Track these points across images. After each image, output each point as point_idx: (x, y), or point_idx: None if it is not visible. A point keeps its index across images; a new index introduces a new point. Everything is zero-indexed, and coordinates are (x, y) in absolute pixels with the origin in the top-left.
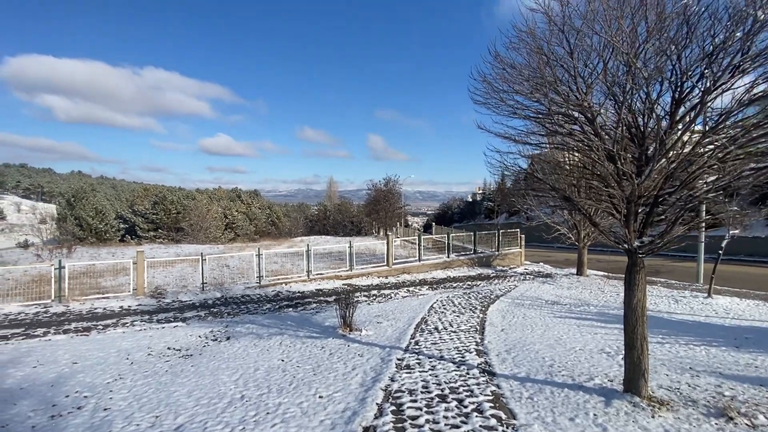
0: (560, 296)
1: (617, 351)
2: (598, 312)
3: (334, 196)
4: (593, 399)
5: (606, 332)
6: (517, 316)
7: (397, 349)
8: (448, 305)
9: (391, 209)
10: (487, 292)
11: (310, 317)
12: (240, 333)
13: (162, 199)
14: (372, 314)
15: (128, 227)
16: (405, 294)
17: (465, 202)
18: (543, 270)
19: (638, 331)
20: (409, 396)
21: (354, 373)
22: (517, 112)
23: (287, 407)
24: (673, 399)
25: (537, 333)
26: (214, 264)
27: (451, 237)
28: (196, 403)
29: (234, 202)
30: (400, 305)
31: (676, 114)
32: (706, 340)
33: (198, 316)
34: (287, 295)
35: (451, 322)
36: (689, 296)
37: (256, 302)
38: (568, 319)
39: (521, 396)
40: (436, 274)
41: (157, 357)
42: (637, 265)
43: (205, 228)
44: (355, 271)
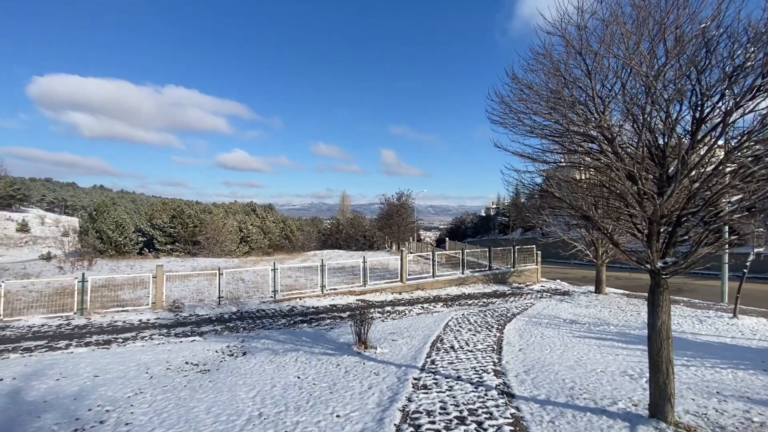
0: (578, 315)
1: (640, 374)
2: (619, 332)
3: (347, 210)
4: (617, 424)
5: (628, 353)
6: (534, 335)
7: (413, 368)
8: (463, 323)
9: (403, 223)
10: (503, 310)
11: (325, 333)
12: (256, 348)
13: (180, 213)
14: (386, 331)
15: (146, 240)
16: (419, 311)
17: (478, 217)
18: (560, 287)
19: (663, 354)
20: (427, 417)
21: (370, 392)
22: (535, 131)
23: (305, 426)
24: (700, 425)
25: (556, 353)
26: (230, 278)
27: (466, 253)
28: (215, 419)
29: (249, 216)
30: (414, 322)
31: (697, 133)
32: (733, 362)
33: (215, 331)
34: (301, 310)
35: (467, 340)
36: (714, 316)
37: (271, 317)
38: (588, 339)
39: (542, 419)
40: (451, 291)
41: (175, 371)
42: (661, 286)
43: (221, 241)
44: (368, 286)
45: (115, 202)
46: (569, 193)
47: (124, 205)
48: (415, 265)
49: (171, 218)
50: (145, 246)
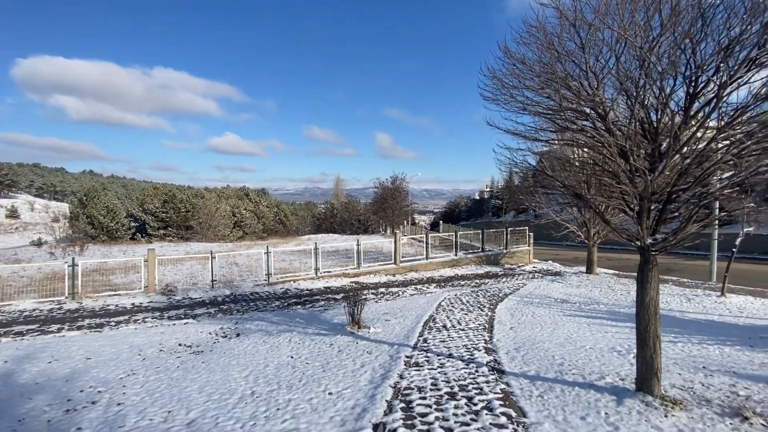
0: (569, 294)
1: (628, 350)
2: (609, 310)
3: (341, 195)
4: (605, 398)
5: (617, 331)
6: (526, 314)
7: (405, 346)
8: (456, 303)
9: (397, 207)
10: (495, 290)
11: (319, 315)
12: (249, 330)
13: (171, 198)
14: (380, 312)
15: (138, 225)
16: (413, 292)
17: (472, 200)
18: (552, 268)
19: (651, 330)
20: (418, 393)
21: (363, 370)
22: (527, 108)
23: (297, 403)
24: (686, 398)
25: (546, 331)
26: (223, 262)
27: (459, 235)
28: (207, 398)
29: (242, 201)
30: (408, 303)
31: (690, 109)
32: (720, 339)
33: (208, 313)
34: (296, 292)
35: (459, 320)
36: (702, 295)
37: (265, 300)
38: (578, 318)
39: (531, 394)
40: (444, 272)
41: (168, 353)
42: (650, 262)
43: (214, 226)
44: (362, 269)
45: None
46: (561, 171)
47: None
48: (409, 248)
49: (163, 203)
50: (137, 231)
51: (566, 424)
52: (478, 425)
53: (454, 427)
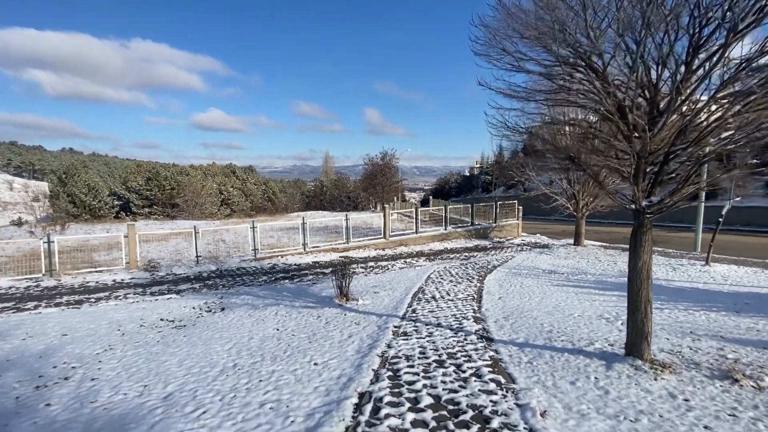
0: (557, 266)
1: (616, 317)
2: (596, 280)
3: (331, 172)
4: (594, 363)
5: (604, 299)
6: (514, 284)
7: (394, 317)
8: (445, 275)
9: (387, 184)
10: (484, 263)
11: (307, 288)
12: (235, 304)
13: (155, 175)
14: (369, 285)
15: (123, 204)
16: (402, 265)
17: (462, 177)
18: (540, 241)
19: (643, 294)
20: (406, 362)
21: (350, 340)
22: (520, 65)
23: (281, 374)
24: (675, 362)
25: (535, 300)
26: (210, 239)
27: (449, 209)
28: (187, 372)
29: (229, 178)
30: (397, 276)
31: (692, 63)
32: (706, 305)
33: (192, 289)
34: (283, 267)
35: (448, 291)
36: (687, 264)
37: (252, 274)
38: (566, 287)
39: (520, 361)
40: (434, 246)
41: (149, 328)
42: (644, 226)
43: (201, 204)
44: (351, 243)
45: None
46: (554, 135)
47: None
48: (399, 224)
49: (146, 180)
50: (121, 209)
51: (556, 389)
52: (466, 392)
53: (442, 394)
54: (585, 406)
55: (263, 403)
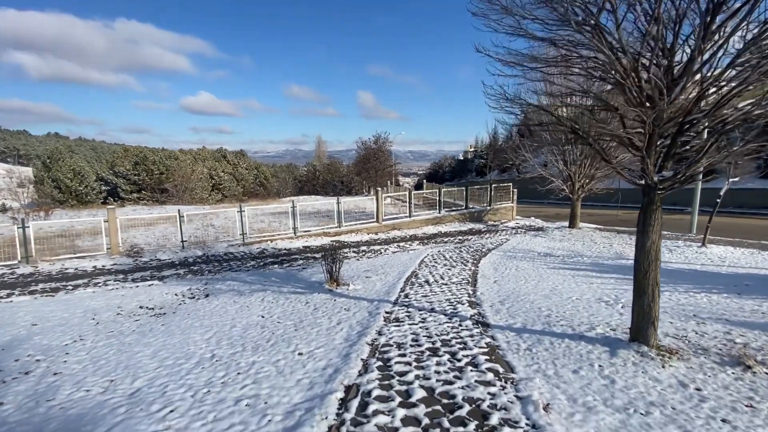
0: (553, 248)
1: (616, 300)
2: (592, 262)
3: (323, 156)
4: (597, 349)
5: (602, 282)
6: (509, 268)
7: (385, 302)
8: (439, 259)
9: (381, 167)
10: (478, 246)
11: (296, 273)
12: (220, 290)
13: (143, 160)
14: (361, 269)
15: (110, 189)
16: (395, 249)
17: (456, 161)
18: (534, 224)
19: (651, 277)
20: (397, 350)
21: (339, 327)
22: (521, 27)
23: (261, 366)
24: (682, 347)
25: (531, 284)
26: (199, 223)
27: (443, 193)
28: (159, 364)
29: (219, 163)
30: (390, 260)
31: (712, 23)
32: (706, 287)
33: (177, 275)
34: (273, 252)
35: (442, 275)
36: (683, 246)
37: (240, 260)
38: (562, 270)
39: (519, 348)
40: (427, 230)
41: (126, 316)
42: (655, 203)
43: (191, 189)
44: (344, 228)
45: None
46: (555, 107)
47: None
48: (392, 208)
49: (134, 165)
50: (109, 195)
51: (558, 378)
52: (462, 383)
53: (436, 386)
54: (591, 398)
55: (239, 399)
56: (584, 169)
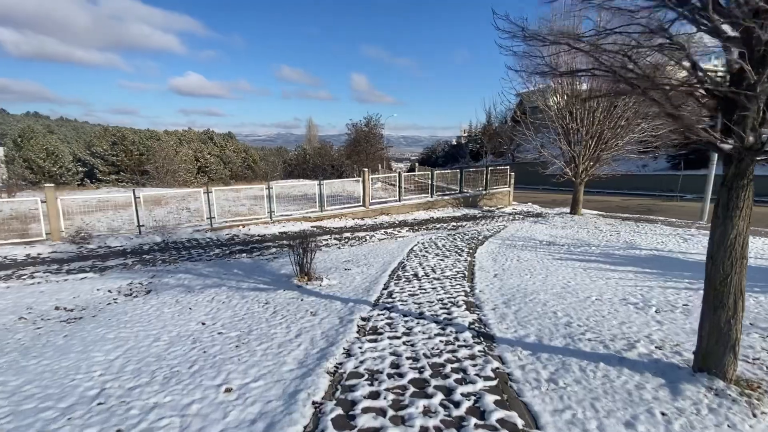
0: (555, 236)
1: (644, 302)
2: (602, 253)
3: (314, 139)
4: (649, 382)
5: (619, 276)
6: (510, 258)
7: (363, 303)
8: (430, 248)
9: (372, 151)
10: (474, 233)
11: (265, 264)
12: (167, 285)
13: (121, 140)
14: (341, 259)
15: (87, 171)
16: (382, 236)
17: (450, 146)
18: (532, 210)
19: (733, 282)
20: (368, 385)
21: (296, 342)
22: None
23: (160, 416)
24: (764, 380)
25: (538, 279)
26: (174, 206)
27: (435, 176)
28: (11, 410)
29: (206, 145)
30: (375, 248)
31: None
32: (759, 285)
33: (123, 265)
34: (244, 238)
35: (433, 267)
36: (698, 235)
37: (203, 247)
38: (571, 262)
39: (538, 378)
40: (418, 215)
41: (30, 322)
42: (744, 176)
43: (173, 171)
44: (326, 212)
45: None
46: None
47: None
48: (382, 192)
49: (112, 145)
50: (86, 176)
51: None
52: None
53: None
54: None
55: None
56: (589, 150)
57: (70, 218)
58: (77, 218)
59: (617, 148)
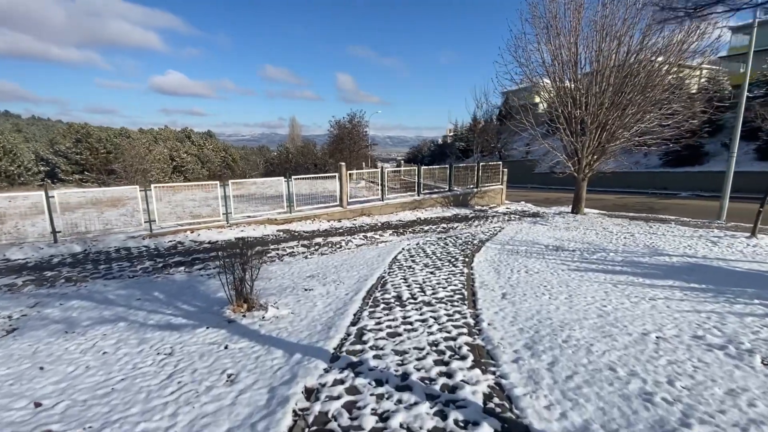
0: (562, 239)
1: (731, 341)
2: (626, 261)
3: (298, 139)
4: None
5: (665, 295)
6: (516, 269)
7: (317, 355)
8: (417, 256)
9: (356, 148)
10: (467, 236)
11: (201, 283)
12: (45, 319)
13: (86, 137)
14: (303, 274)
15: (50, 170)
16: (360, 241)
17: (436, 145)
18: (528, 209)
19: None
20: None
21: None
22: None
23: None
24: None
25: (560, 300)
26: (129, 208)
27: (423, 173)
28: None
29: (183, 143)
30: (350, 258)
31: None
32: None
33: (10, 286)
34: (189, 247)
35: (422, 283)
36: (725, 237)
37: (132, 259)
38: (591, 273)
39: None
40: (404, 216)
41: None
42: None
43: (144, 170)
44: (296, 213)
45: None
46: None
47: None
48: (366, 192)
49: (75, 142)
50: (48, 176)
51: None
52: None
53: None
54: None
55: None
56: (593, 142)
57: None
58: None
59: (624, 139)
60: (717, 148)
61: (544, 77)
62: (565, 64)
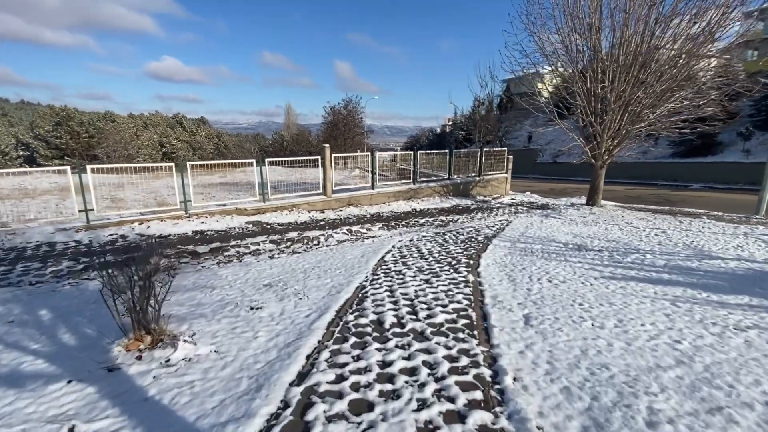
0: (581, 236)
1: None
2: (671, 266)
3: (293, 126)
4: None
5: (754, 322)
6: (536, 276)
7: None
8: (410, 257)
9: (351, 135)
10: (470, 231)
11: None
12: None
13: (66, 120)
14: (259, 282)
15: (29, 155)
16: (343, 236)
17: (434, 134)
18: (535, 200)
19: None
20: None
21: None
22: None
23: None
24: None
25: (609, 330)
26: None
27: (419, 159)
28: None
29: (174, 129)
30: (325, 258)
31: None
32: None
33: None
34: (132, 242)
35: (414, 298)
36: None
37: (49, 258)
38: (632, 282)
39: None
40: (397, 207)
41: None
42: None
43: (130, 156)
44: (271, 202)
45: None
46: None
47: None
48: (360, 180)
49: (55, 126)
50: (26, 161)
51: None
52: None
53: None
54: None
55: None
56: (615, 124)
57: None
58: None
59: (650, 121)
60: (732, 137)
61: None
62: (586, 29)
